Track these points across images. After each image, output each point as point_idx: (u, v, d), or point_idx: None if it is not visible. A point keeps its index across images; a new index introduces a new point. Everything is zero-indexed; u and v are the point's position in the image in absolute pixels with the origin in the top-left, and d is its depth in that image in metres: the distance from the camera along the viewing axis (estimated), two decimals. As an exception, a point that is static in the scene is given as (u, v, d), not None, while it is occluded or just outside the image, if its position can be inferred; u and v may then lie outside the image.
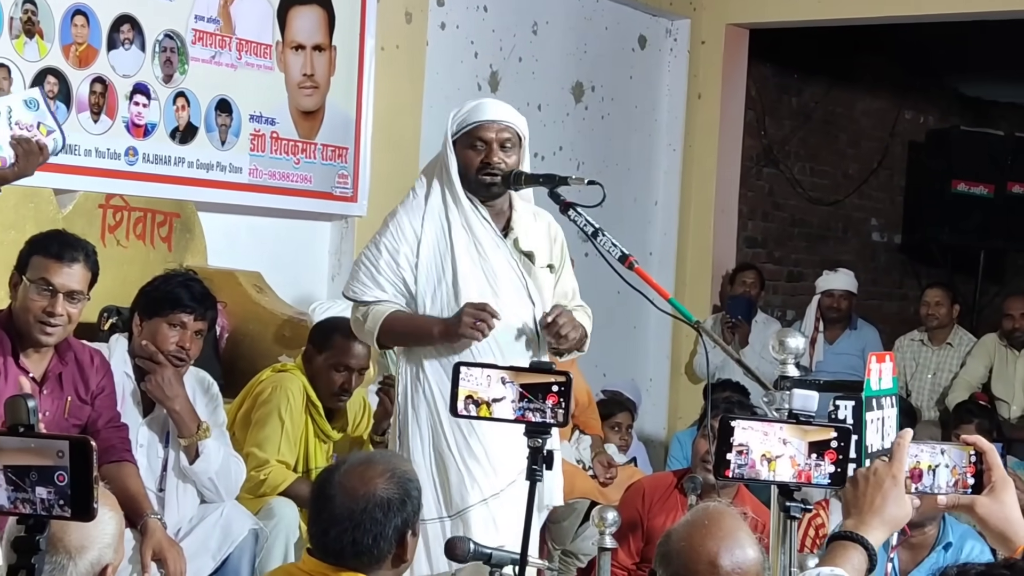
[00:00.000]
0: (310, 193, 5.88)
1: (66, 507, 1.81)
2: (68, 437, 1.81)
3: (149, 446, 4.38)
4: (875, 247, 10.76)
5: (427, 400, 4.01)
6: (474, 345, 3.92)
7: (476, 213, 4.04)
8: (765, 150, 9.46)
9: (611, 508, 3.70)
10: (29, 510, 1.82)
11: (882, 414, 3.38)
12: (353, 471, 2.82)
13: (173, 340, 4.30)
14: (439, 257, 4.03)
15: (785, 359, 3.48)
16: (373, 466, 2.83)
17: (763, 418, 2.51)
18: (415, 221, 4.04)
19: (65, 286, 3.88)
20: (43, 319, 3.87)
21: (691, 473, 4.79)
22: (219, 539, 4.32)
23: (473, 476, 3.96)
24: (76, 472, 1.79)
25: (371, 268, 4.03)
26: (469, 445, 3.97)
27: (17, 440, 1.82)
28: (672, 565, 2.44)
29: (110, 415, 4.17)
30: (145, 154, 5.17)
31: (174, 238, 5.32)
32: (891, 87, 10.49)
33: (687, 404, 8.18)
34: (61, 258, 3.89)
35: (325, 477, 2.88)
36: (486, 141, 4.01)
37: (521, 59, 7.16)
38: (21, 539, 1.87)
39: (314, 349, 4.86)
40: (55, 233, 4.09)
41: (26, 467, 1.81)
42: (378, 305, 4.00)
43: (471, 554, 3.16)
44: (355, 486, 2.78)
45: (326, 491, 2.81)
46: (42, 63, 4.81)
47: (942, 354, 7.82)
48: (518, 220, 4.13)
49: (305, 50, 5.82)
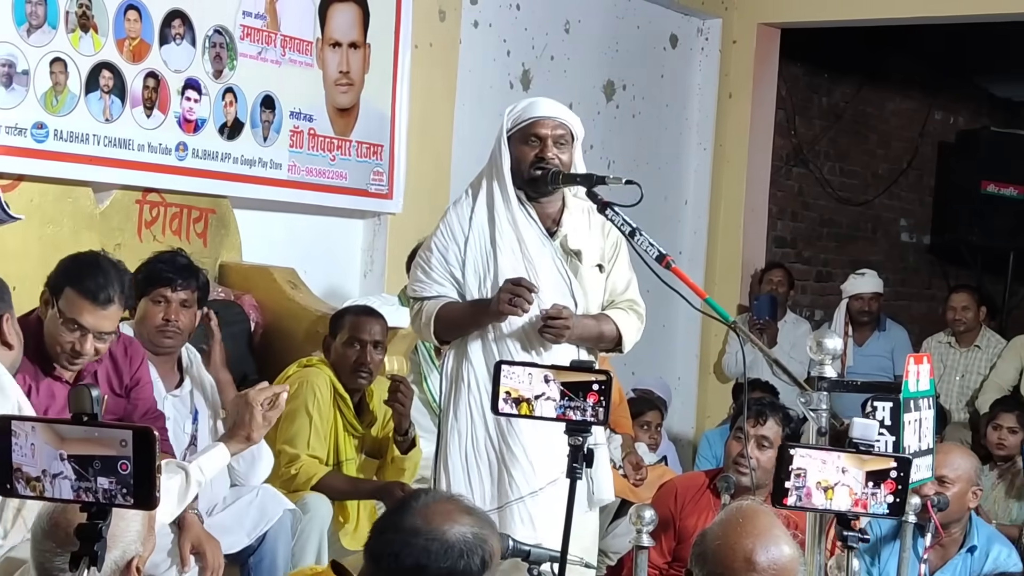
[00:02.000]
0: (346, 190, 5.89)
1: (128, 496, 1.83)
2: (132, 426, 1.83)
3: (175, 421, 4.39)
4: (904, 247, 10.74)
5: (467, 398, 4.06)
6: (513, 343, 3.97)
7: (523, 211, 4.09)
8: (795, 150, 9.45)
9: (648, 507, 3.70)
10: (91, 499, 1.84)
11: (919, 415, 3.38)
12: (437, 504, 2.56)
13: (159, 315, 4.30)
14: (484, 255, 4.09)
15: (822, 360, 3.49)
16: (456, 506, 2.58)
17: (822, 447, 2.50)
18: (463, 219, 4.12)
19: (97, 328, 3.79)
20: (70, 355, 3.80)
21: (723, 473, 4.79)
22: (255, 517, 4.31)
23: (511, 474, 3.99)
24: (139, 461, 1.82)
25: (425, 266, 4.12)
26: (508, 444, 4.01)
27: (81, 430, 1.84)
28: (708, 564, 2.44)
29: (146, 407, 4.17)
30: (194, 149, 5.19)
31: (209, 233, 5.35)
32: (921, 87, 10.46)
33: (716, 403, 8.19)
34: (96, 299, 3.76)
35: None
36: (540, 137, 4.05)
37: (553, 57, 7.17)
38: (84, 527, 1.89)
39: (330, 336, 4.90)
40: (92, 262, 3.88)
41: (90, 456, 1.83)
42: (434, 300, 4.08)
43: (510, 551, 3.17)
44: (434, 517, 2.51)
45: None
46: (97, 57, 4.83)
47: (970, 356, 7.80)
48: (568, 218, 4.16)
49: (342, 47, 5.84)
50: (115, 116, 4.87)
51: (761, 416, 4.83)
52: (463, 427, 4.05)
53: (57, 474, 1.84)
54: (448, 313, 4.07)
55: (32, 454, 1.85)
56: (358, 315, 4.88)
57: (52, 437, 1.84)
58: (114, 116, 4.87)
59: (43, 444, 1.84)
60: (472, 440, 4.05)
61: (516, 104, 4.15)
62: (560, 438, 3.95)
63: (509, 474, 4.00)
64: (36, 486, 1.85)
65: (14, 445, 1.85)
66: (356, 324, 4.85)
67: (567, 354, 3.94)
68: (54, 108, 4.68)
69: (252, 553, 4.36)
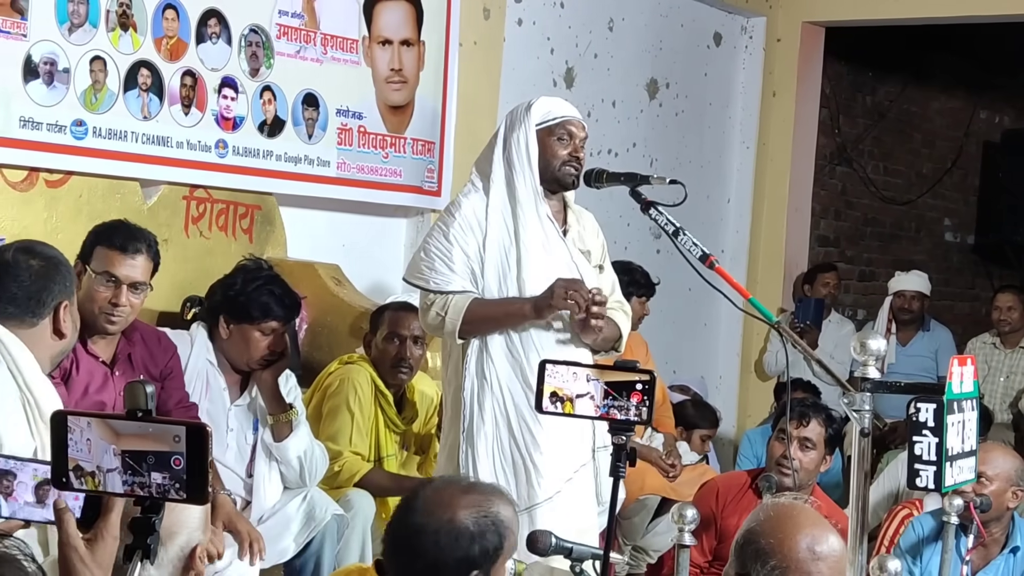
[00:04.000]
0: (400, 187, 5.92)
1: (181, 491, 1.85)
2: (185, 422, 1.85)
3: (239, 431, 4.47)
4: (948, 247, 10.68)
5: (494, 397, 4.04)
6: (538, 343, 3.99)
7: (545, 207, 4.08)
8: (839, 148, 9.42)
9: (690, 505, 3.71)
10: (145, 494, 1.86)
11: (963, 417, 3.38)
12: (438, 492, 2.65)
13: (264, 346, 4.42)
14: (503, 251, 4.07)
15: (866, 360, 3.48)
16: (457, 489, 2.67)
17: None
18: (479, 213, 4.08)
19: (129, 277, 3.98)
20: (108, 310, 3.97)
21: (765, 473, 4.79)
22: (302, 522, 4.38)
23: (540, 472, 4.01)
24: (192, 457, 1.83)
25: (445, 259, 4.05)
26: (536, 441, 4.02)
27: (136, 425, 1.86)
28: (772, 559, 2.45)
29: (179, 396, 4.26)
30: (235, 147, 5.22)
31: (255, 230, 5.38)
32: (966, 86, 10.40)
33: (757, 402, 8.17)
34: (125, 250, 3.98)
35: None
36: (572, 136, 4.06)
37: (596, 55, 7.18)
38: (138, 520, 1.92)
39: (370, 332, 4.93)
40: (117, 224, 4.16)
41: (143, 452, 1.85)
42: (459, 295, 4.03)
43: (552, 547, 3.18)
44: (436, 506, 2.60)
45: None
46: (136, 56, 4.87)
47: (1015, 357, 7.75)
48: (574, 219, 4.17)
49: (392, 45, 5.85)
50: (153, 114, 4.91)
51: (804, 417, 4.83)
52: (489, 429, 4.04)
53: (112, 469, 1.87)
54: (481, 309, 4.02)
55: (88, 449, 1.87)
56: (397, 311, 4.91)
57: (107, 432, 1.86)
58: (152, 114, 4.91)
59: (98, 439, 1.86)
60: (497, 441, 4.04)
61: (532, 100, 4.14)
62: (574, 437, 4.00)
63: (538, 474, 4.01)
64: (90, 481, 1.88)
65: (69, 440, 1.88)
66: (395, 320, 4.88)
67: (581, 356, 3.98)
68: (93, 106, 4.73)
69: (297, 556, 4.41)
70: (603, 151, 7.08)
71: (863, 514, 3.53)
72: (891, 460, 6.23)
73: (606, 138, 7.15)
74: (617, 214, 6.52)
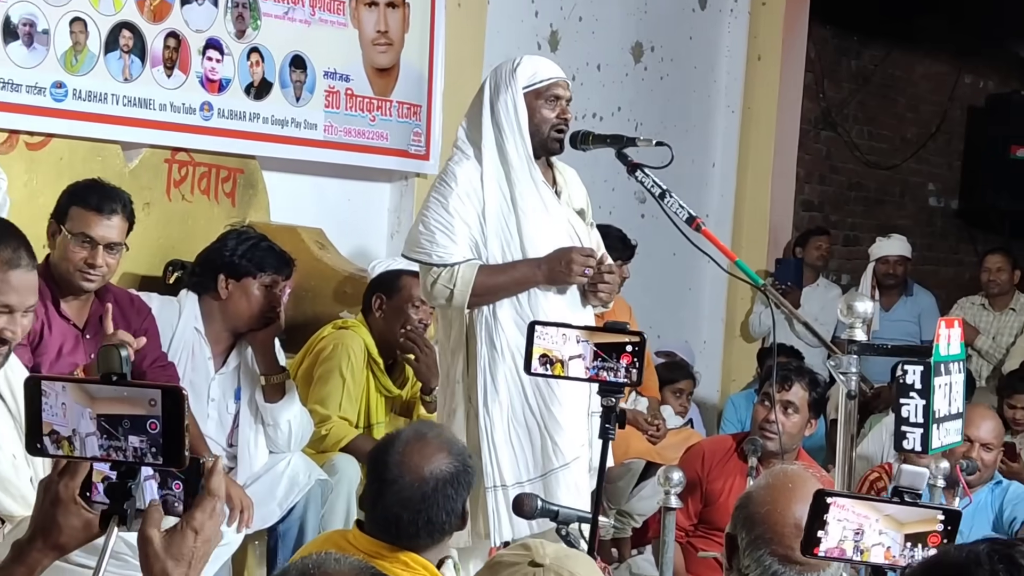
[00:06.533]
0: (387, 151, 5.87)
1: (158, 455, 1.82)
2: (161, 386, 1.82)
3: (220, 401, 4.45)
4: (932, 212, 10.69)
5: (505, 365, 3.99)
6: (546, 309, 3.95)
7: (538, 172, 4.05)
8: (823, 113, 9.40)
9: (676, 468, 3.71)
10: (121, 458, 1.84)
11: (950, 379, 3.38)
12: (411, 450, 2.80)
13: (266, 300, 4.44)
14: (503, 219, 4.03)
15: (853, 323, 3.48)
16: (428, 442, 2.83)
17: (863, 497, 2.19)
18: (475, 183, 4.02)
19: (105, 238, 3.98)
20: (84, 269, 3.96)
21: (750, 436, 4.79)
22: (286, 488, 4.37)
23: (555, 440, 3.98)
24: (168, 420, 1.81)
25: (446, 231, 3.98)
26: (551, 409, 3.98)
27: (111, 389, 1.83)
28: (757, 527, 2.44)
29: (155, 355, 4.22)
30: (220, 109, 5.17)
31: (238, 193, 5.34)
32: (951, 51, 10.38)
33: (741, 367, 8.18)
34: (101, 210, 3.98)
35: (381, 459, 2.84)
36: (559, 98, 4.02)
37: (581, 18, 7.13)
38: (114, 485, 1.90)
39: (383, 298, 4.88)
40: (92, 183, 4.15)
41: (119, 416, 1.82)
42: (464, 264, 3.97)
43: (538, 511, 3.18)
44: (419, 465, 2.78)
45: (386, 475, 2.79)
46: (117, 17, 4.81)
47: (1003, 319, 7.78)
48: (562, 180, 4.14)
49: (379, 7, 5.80)
50: (134, 76, 4.86)
51: (787, 381, 4.83)
52: (503, 397, 3.99)
53: (89, 433, 1.84)
54: (490, 279, 3.97)
55: (64, 414, 1.84)
56: (414, 276, 4.75)
57: (82, 396, 1.84)
58: (133, 76, 4.85)
59: (73, 403, 1.84)
60: (511, 409, 4.00)
61: (516, 60, 4.08)
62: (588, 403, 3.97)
63: (553, 441, 3.98)
64: (66, 445, 1.85)
65: (44, 405, 1.85)
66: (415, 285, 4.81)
67: (587, 318, 3.95)
68: (73, 68, 4.67)
69: (281, 521, 4.40)
70: (588, 115, 7.04)
71: (850, 477, 3.54)
72: (875, 424, 6.23)
73: (591, 102, 7.10)
74: (602, 178, 6.48)
